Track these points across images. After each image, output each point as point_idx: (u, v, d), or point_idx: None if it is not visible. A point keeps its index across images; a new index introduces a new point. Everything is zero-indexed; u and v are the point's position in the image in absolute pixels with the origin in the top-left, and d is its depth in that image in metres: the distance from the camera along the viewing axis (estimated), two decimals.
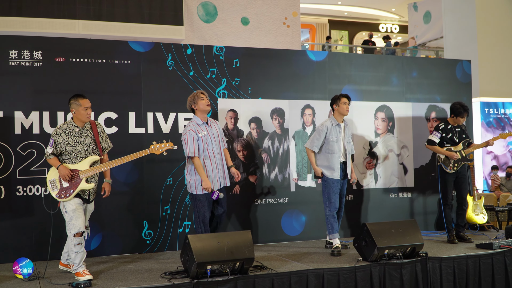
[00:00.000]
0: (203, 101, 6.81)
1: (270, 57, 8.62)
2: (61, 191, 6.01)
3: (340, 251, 7.30)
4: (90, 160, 6.10)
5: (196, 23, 14.33)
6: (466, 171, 8.27)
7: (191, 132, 6.71)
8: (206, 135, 6.77)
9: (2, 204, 7.12)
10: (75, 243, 5.97)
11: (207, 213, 6.77)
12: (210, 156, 6.79)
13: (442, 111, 9.58)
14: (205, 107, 6.82)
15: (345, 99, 7.60)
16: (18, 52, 7.27)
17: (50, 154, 6.06)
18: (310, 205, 8.62)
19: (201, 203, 6.75)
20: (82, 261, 6.02)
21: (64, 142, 6.03)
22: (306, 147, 7.69)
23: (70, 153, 6.05)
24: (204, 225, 6.76)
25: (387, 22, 28.38)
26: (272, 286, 6.01)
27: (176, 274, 6.02)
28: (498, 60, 14.46)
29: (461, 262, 6.92)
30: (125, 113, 7.71)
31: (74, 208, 5.98)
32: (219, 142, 6.94)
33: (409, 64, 9.58)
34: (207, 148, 6.77)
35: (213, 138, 6.85)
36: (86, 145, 6.11)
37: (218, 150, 6.87)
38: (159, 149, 6.26)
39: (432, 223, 9.45)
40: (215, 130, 6.93)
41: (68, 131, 6.07)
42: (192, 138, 6.69)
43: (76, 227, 5.95)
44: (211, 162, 6.79)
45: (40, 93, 7.34)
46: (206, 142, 6.76)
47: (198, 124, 6.81)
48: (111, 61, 7.70)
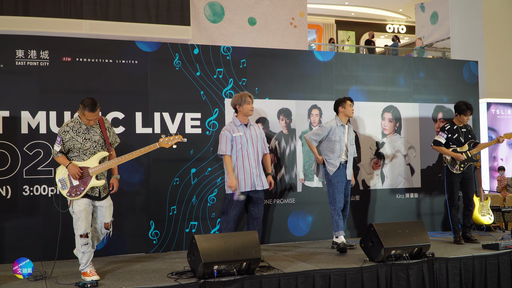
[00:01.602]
0: (249, 106, 7.01)
1: (277, 58, 8.61)
2: (71, 190, 5.95)
3: (345, 247, 7.42)
4: (99, 157, 6.06)
5: (203, 23, 14.34)
6: (473, 172, 8.25)
7: (225, 132, 6.97)
8: (242, 136, 6.96)
9: (9, 204, 7.13)
10: (82, 244, 5.95)
11: (232, 213, 6.91)
12: (244, 157, 6.95)
13: (449, 111, 9.56)
14: (248, 112, 7.03)
15: (350, 102, 7.70)
16: (24, 52, 7.28)
17: (58, 153, 6.00)
18: (316, 206, 8.61)
19: (229, 201, 6.94)
20: (89, 261, 6.02)
21: (72, 139, 5.96)
22: (306, 137, 7.73)
23: (79, 150, 6.00)
24: (226, 223, 6.92)
25: (394, 22, 28.33)
26: (278, 286, 6.01)
27: (182, 274, 6.02)
28: (505, 61, 14.41)
29: (467, 262, 6.91)
30: (132, 113, 7.72)
31: (81, 209, 5.93)
32: (258, 145, 7.09)
33: (416, 64, 9.56)
34: (241, 148, 6.95)
35: (250, 140, 7.01)
36: (95, 141, 6.06)
37: (254, 152, 7.02)
38: (168, 143, 6.19)
39: (438, 224, 9.43)
40: (254, 133, 7.09)
41: (76, 129, 6.00)
42: (226, 138, 6.93)
43: (82, 228, 5.92)
44: (243, 163, 6.95)
45: (47, 93, 7.35)
46: (241, 143, 6.94)
47: (235, 125, 7.02)
48: (118, 61, 7.70)
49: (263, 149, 7.21)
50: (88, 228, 5.98)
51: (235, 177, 6.89)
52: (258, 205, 7.05)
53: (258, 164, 7.05)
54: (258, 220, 7.07)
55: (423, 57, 19.25)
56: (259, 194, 7.05)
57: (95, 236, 6.28)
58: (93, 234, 6.24)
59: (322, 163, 7.71)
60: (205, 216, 7.97)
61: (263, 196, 7.13)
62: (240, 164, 6.94)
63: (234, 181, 6.84)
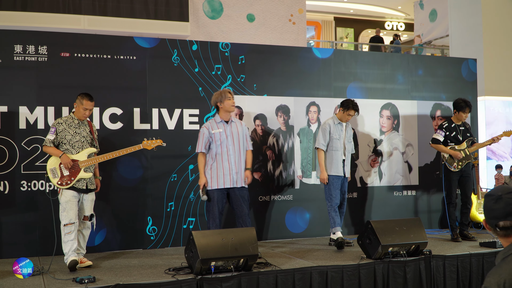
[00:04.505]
0: (230, 102, 6.90)
1: (275, 54, 8.61)
2: (62, 179, 6.32)
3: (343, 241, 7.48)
4: (88, 152, 6.48)
5: (202, 19, 14.33)
6: (471, 170, 8.26)
7: (203, 129, 6.91)
8: (221, 132, 6.84)
9: (6, 199, 7.14)
10: (65, 232, 6.25)
11: (214, 210, 6.81)
12: (223, 153, 6.84)
13: (447, 109, 9.57)
14: (230, 108, 6.92)
15: (353, 112, 7.66)
16: (23, 47, 7.27)
17: (51, 142, 6.35)
18: (314, 202, 8.61)
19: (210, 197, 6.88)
20: (72, 251, 6.22)
21: (65, 131, 6.40)
22: (317, 148, 7.73)
23: (68, 143, 6.38)
24: (213, 220, 6.83)
25: (393, 20, 28.30)
26: (276, 282, 6.02)
27: (180, 270, 6.02)
28: (504, 59, 14.42)
29: (464, 260, 6.93)
30: (130, 109, 7.72)
31: (67, 199, 6.29)
32: (240, 142, 6.96)
33: (414, 62, 9.56)
34: (221, 145, 6.83)
35: (231, 137, 6.89)
36: (83, 137, 6.49)
37: (235, 149, 6.90)
38: (150, 145, 6.80)
39: (436, 221, 9.44)
40: (236, 130, 6.95)
41: (69, 122, 6.47)
42: (203, 135, 6.88)
43: (67, 218, 6.25)
44: (222, 159, 6.84)
45: (45, 88, 7.35)
46: (220, 139, 6.83)
47: (216, 122, 6.92)
48: (116, 57, 7.70)
49: (246, 146, 7.07)
50: (74, 219, 6.27)
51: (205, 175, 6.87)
52: (239, 202, 6.88)
53: (239, 161, 6.92)
54: (243, 218, 6.87)
55: (421, 54, 19.25)
56: (240, 192, 6.92)
57: (79, 232, 6.51)
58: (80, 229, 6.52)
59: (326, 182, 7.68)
60: (202, 212, 7.95)
61: (246, 194, 6.98)
62: (219, 160, 6.83)
63: (203, 180, 6.83)
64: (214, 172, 6.84)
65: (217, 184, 6.81)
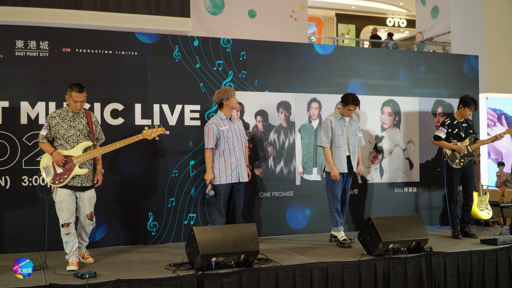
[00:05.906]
0: (235, 99, 7.18)
1: (277, 50, 8.59)
2: (55, 177, 6.11)
3: (350, 242, 7.43)
4: (83, 146, 6.23)
5: (203, 15, 14.32)
6: (473, 167, 8.26)
7: (212, 126, 7.04)
8: (227, 130, 7.08)
9: (8, 195, 7.13)
10: (64, 233, 6.13)
11: (221, 203, 7.07)
12: (230, 150, 7.07)
13: (448, 106, 9.55)
14: (235, 105, 7.20)
15: (352, 107, 7.54)
16: (24, 42, 7.27)
17: (44, 138, 6.14)
18: (315, 199, 8.61)
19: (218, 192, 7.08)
20: (73, 251, 6.14)
21: (58, 125, 6.15)
22: (321, 146, 7.67)
23: (62, 137, 6.14)
24: (218, 213, 7.08)
25: (395, 16, 28.29)
26: (276, 279, 6.02)
27: (180, 266, 6.03)
28: (505, 56, 14.40)
29: (465, 257, 6.93)
30: (131, 105, 7.71)
31: (61, 199, 6.11)
32: (242, 138, 7.27)
33: (416, 58, 9.54)
34: (228, 142, 7.06)
35: (235, 134, 7.15)
36: (79, 130, 6.23)
37: (238, 145, 7.18)
38: (151, 134, 6.53)
39: (437, 218, 9.44)
40: (237, 126, 7.24)
41: (63, 115, 6.22)
42: (212, 131, 7.02)
43: (63, 218, 6.10)
44: (230, 155, 7.07)
45: (46, 84, 7.34)
46: (227, 136, 7.07)
47: (221, 119, 7.11)
48: (117, 52, 7.69)
49: (245, 143, 7.37)
50: (70, 218, 6.12)
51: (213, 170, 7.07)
52: (241, 196, 7.27)
53: (241, 156, 7.21)
54: (239, 210, 7.31)
55: (423, 51, 19.22)
56: (242, 186, 7.27)
57: (81, 227, 6.41)
58: (80, 225, 6.39)
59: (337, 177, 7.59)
60: (203, 208, 7.98)
61: (244, 188, 7.34)
62: (227, 156, 7.06)
63: (210, 175, 7.02)
64: (223, 168, 7.04)
65: (225, 179, 7.04)
